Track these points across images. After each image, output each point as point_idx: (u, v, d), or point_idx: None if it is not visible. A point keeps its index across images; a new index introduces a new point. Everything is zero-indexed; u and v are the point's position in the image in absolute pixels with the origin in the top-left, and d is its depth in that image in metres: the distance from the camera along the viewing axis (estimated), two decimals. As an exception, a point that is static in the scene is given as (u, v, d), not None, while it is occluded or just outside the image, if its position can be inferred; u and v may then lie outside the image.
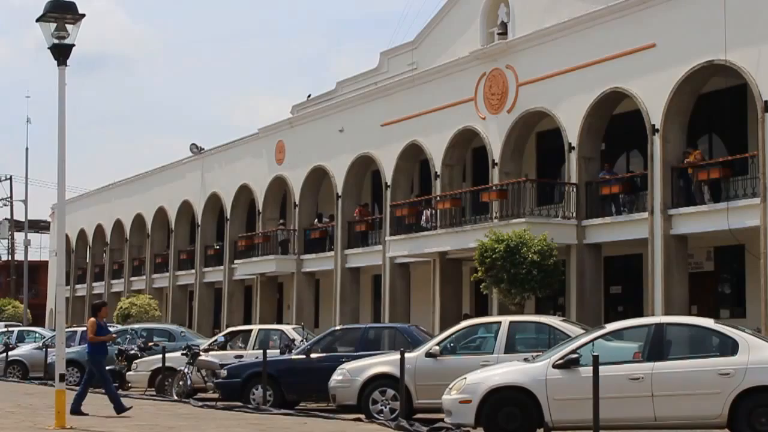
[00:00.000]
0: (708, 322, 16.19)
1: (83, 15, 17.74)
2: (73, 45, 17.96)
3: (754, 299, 27.92)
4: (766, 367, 14.99)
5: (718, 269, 31.48)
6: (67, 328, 28.71)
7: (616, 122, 31.76)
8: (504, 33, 34.82)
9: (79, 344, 31.98)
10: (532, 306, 32.82)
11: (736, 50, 26.52)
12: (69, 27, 17.77)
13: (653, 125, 28.84)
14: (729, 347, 15.35)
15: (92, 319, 21.16)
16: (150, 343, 30.58)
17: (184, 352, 26.82)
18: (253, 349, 27.23)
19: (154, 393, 27.39)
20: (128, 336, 32.26)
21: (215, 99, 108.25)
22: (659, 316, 23.03)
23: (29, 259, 74.73)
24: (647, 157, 29.35)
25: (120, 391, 23.11)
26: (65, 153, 18.08)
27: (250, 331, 29.35)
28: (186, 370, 26.26)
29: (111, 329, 25.36)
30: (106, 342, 21.32)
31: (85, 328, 25.96)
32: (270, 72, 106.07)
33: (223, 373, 24.14)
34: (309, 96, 47.20)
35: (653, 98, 28.83)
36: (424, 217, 36.45)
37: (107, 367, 22.03)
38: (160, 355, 27.56)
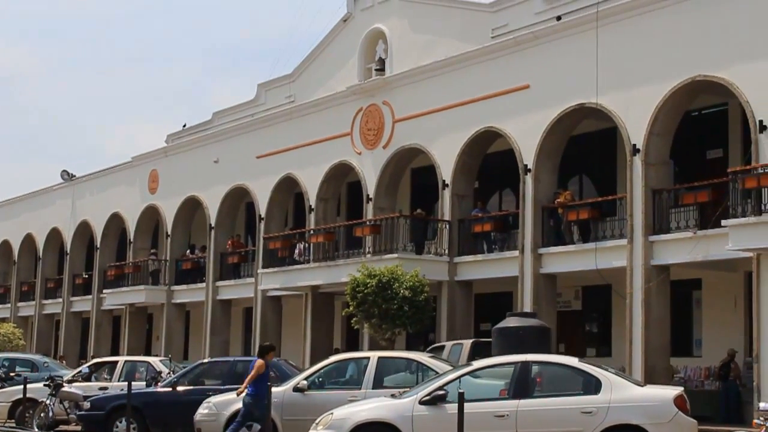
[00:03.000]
0: (572, 361, 16.37)
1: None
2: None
3: (619, 338, 28.39)
4: (627, 405, 15.20)
5: (586, 308, 32.00)
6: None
7: (490, 161, 32.12)
8: (382, 69, 35.02)
9: None
10: (403, 341, 32.91)
11: (607, 94, 27.08)
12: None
13: (525, 165, 29.24)
14: (592, 386, 15.53)
15: (261, 361, 19.82)
16: (11, 374, 29.74)
17: (47, 383, 26.14)
18: (119, 380, 26.72)
19: (14, 425, 26.57)
20: (-11, 366, 31.31)
21: (89, 125, 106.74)
22: (525, 354, 23.22)
23: None
24: (519, 197, 29.72)
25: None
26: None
27: (116, 362, 28.78)
28: (48, 402, 25.58)
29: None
30: None
31: None
32: (145, 100, 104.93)
33: (87, 404, 23.58)
34: (184, 125, 46.79)
35: (526, 138, 29.24)
36: (297, 251, 36.29)
37: None
38: (21, 386, 26.79)
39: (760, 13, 23.96)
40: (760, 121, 23.51)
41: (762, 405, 16.61)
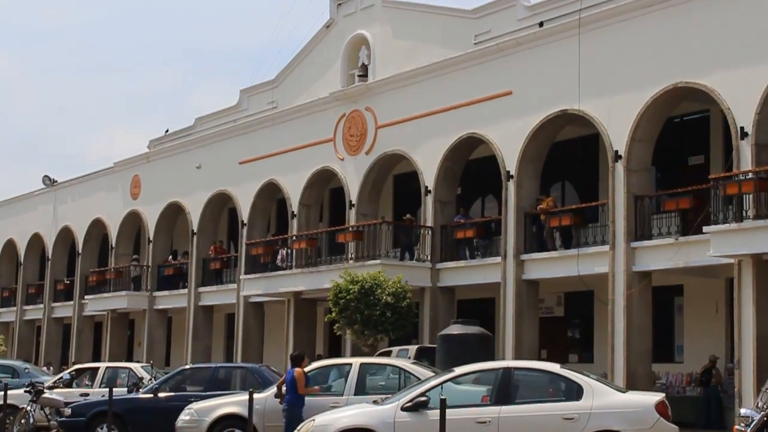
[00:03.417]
0: (554, 367, 16.37)
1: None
2: None
3: (601, 344, 28.45)
4: (609, 411, 15.20)
5: (568, 314, 32.07)
6: None
7: (473, 167, 32.17)
8: (364, 75, 35.03)
9: None
10: (386, 348, 32.86)
11: (589, 100, 27.15)
12: None
13: (508, 171, 29.27)
14: (574, 392, 15.52)
15: (300, 369, 19.26)
16: (-8, 380, 29.54)
17: (28, 389, 26.01)
18: (100, 387, 26.60)
19: (-6, 432, 26.44)
20: (-31, 372, 31.14)
21: (71, 130, 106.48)
22: (507, 361, 23.27)
23: None
24: (501, 203, 29.76)
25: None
26: None
27: (97, 368, 28.67)
28: (29, 408, 25.45)
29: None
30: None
31: None
32: (127, 105, 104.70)
33: (68, 411, 23.46)
34: (167, 131, 46.69)
35: (509, 145, 29.28)
36: (279, 257, 36.25)
37: None
38: (2, 392, 26.63)
39: (741, 20, 24.06)
40: (742, 128, 23.59)
41: (743, 411, 16.67)
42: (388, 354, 27.98)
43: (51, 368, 43.87)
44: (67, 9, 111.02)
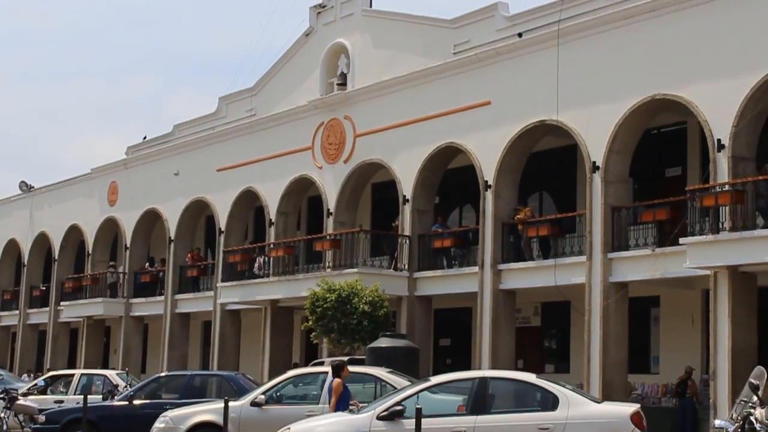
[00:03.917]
0: (530, 377, 16.38)
1: None
2: None
3: (578, 355, 28.49)
4: (584, 422, 15.21)
5: (545, 324, 32.10)
6: None
7: (451, 177, 32.19)
8: (343, 84, 35.01)
9: None
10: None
11: (567, 111, 27.22)
12: None
13: (486, 181, 29.31)
14: (550, 402, 15.52)
15: (338, 380, 18.49)
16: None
17: (2, 395, 25.89)
18: (75, 394, 26.52)
19: (-33, 438, 26.30)
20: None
21: (48, 136, 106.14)
22: (483, 370, 23.29)
23: None
24: (479, 212, 29.78)
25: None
26: None
27: (72, 375, 28.57)
28: (2, 415, 25.36)
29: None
30: None
31: None
32: (105, 112, 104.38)
33: (42, 418, 23.38)
34: (145, 137, 46.55)
35: (487, 154, 29.32)
36: (257, 265, 36.18)
37: None
38: (-25, 399, 26.51)
39: (719, 33, 24.18)
40: (719, 140, 23.69)
41: (717, 422, 16.71)
42: (321, 364, 28.10)
43: (31, 375, 43.67)
44: (45, 13, 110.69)
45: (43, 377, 30.18)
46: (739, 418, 15.06)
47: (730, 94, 23.53)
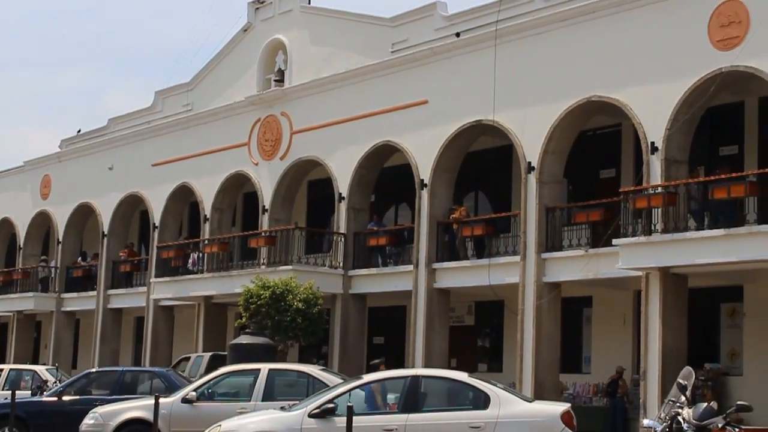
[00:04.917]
0: (462, 376, 16.43)
1: None
2: None
3: (510, 354, 28.64)
4: (515, 421, 15.29)
5: (478, 324, 32.25)
6: None
7: (387, 175, 32.21)
8: (281, 80, 34.90)
9: None
10: (296, 354, 32.78)
11: (504, 112, 27.34)
12: None
13: (422, 180, 29.37)
14: (481, 401, 15.58)
15: None
16: None
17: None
18: (3, 389, 26.16)
19: None
20: None
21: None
22: (416, 368, 23.34)
23: None
24: (415, 211, 29.83)
25: None
26: None
27: (1, 370, 28.19)
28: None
29: None
30: None
31: None
32: (39, 104, 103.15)
33: (-33, 414, 22.98)
34: (79, 131, 46.03)
35: (423, 153, 29.37)
36: (191, 260, 35.95)
37: None
38: None
39: (654, 37, 24.42)
40: (652, 143, 23.94)
41: (646, 422, 16.84)
42: (186, 360, 30.59)
43: None
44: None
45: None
46: (668, 417, 15.18)
47: (664, 98, 23.79)
